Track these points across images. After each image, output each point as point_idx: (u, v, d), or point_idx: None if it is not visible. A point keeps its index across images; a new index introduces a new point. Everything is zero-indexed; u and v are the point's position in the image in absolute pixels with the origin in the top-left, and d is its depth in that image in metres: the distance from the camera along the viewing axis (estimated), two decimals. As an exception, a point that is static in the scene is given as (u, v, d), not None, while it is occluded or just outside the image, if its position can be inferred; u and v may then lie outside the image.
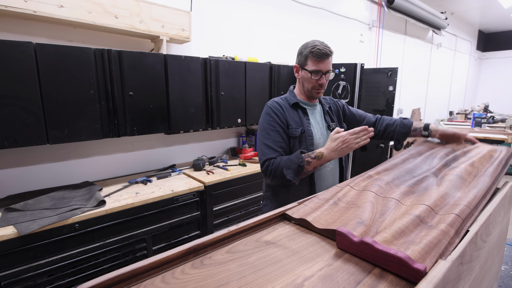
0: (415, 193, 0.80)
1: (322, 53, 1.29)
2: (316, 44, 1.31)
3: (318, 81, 1.34)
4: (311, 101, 1.46)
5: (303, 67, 1.36)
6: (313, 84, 1.35)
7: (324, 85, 1.37)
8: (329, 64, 1.33)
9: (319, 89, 1.37)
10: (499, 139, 4.62)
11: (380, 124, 1.55)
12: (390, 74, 3.21)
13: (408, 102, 6.26)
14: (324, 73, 1.33)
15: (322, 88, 1.38)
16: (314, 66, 1.31)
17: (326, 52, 1.30)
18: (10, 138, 1.56)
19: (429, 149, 1.18)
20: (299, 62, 1.39)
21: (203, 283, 0.52)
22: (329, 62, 1.33)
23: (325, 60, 1.31)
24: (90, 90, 1.79)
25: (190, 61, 2.23)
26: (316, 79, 1.33)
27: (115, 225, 1.77)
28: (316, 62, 1.31)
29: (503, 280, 1.19)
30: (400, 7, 4.90)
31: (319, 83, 1.34)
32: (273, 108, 1.37)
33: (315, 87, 1.36)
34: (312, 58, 1.31)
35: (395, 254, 0.50)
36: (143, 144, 2.49)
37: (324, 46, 1.31)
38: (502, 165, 0.98)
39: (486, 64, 9.65)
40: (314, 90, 1.37)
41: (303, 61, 1.36)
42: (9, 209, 1.60)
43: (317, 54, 1.29)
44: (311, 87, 1.37)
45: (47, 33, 1.94)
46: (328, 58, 1.32)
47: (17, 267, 1.47)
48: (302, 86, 1.41)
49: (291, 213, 0.76)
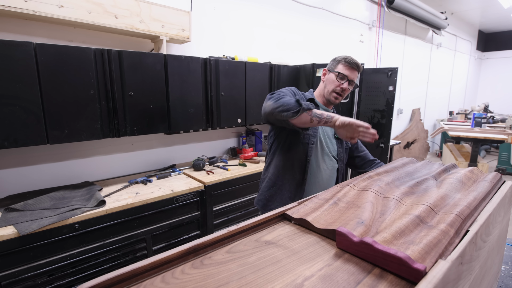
0: (415, 193, 0.80)
1: (354, 63, 1.39)
2: (350, 56, 1.43)
3: (341, 85, 1.39)
4: (327, 106, 1.49)
5: (332, 70, 1.43)
6: (335, 86, 1.41)
7: (345, 93, 1.42)
8: (355, 76, 1.42)
9: (339, 95, 1.42)
10: (499, 139, 4.61)
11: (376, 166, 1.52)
12: (390, 74, 3.20)
13: (408, 102, 6.26)
14: (349, 80, 1.40)
15: (342, 95, 1.42)
16: (343, 70, 1.40)
17: (357, 64, 1.40)
18: (10, 138, 1.56)
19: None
20: (329, 67, 1.46)
21: (203, 283, 0.52)
22: (356, 74, 1.42)
23: (354, 70, 1.40)
24: (90, 90, 1.79)
25: (190, 61, 2.23)
26: (341, 82, 1.39)
27: (115, 225, 1.77)
28: (346, 68, 1.40)
29: (503, 280, 1.19)
30: (400, 7, 4.90)
31: (342, 87, 1.40)
32: (293, 89, 1.43)
33: (336, 91, 1.41)
34: (343, 64, 1.40)
35: (395, 254, 0.50)
36: (143, 144, 2.49)
37: (357, 61, 1.42)
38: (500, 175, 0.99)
39: (486, 64, 9.65)
40: (334, 94, 1.42)
41: (334, 65, 1.44)
42: (9, 209, 1.60)
43: (349, 62, 1.40)
44: (332, 89, 1.42)
45: (47, 33, 1.94)
46: (357, 70, 1.41)
47: (17, 267, 1.47)
48: (324, 89, 1.46)
49: (291, 213, 0.76)
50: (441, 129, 5.58)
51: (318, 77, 2.99)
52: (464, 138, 5.11)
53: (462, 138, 5.07)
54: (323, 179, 1.46)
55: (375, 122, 3.27)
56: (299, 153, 1.41)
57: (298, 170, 1.42)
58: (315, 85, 3.06)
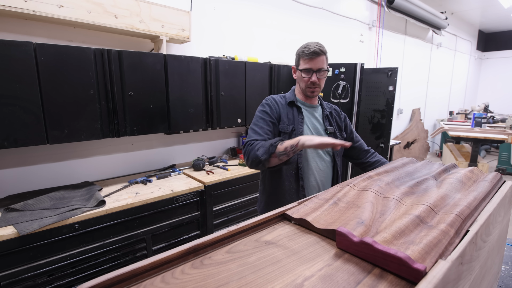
0: (415, 193, 0.80)
1: (312, 52, 1.32)
2: (307, 44, 1.35)
3: (310, 79, 1.36)
4: (309, 101, 1.48)
5: (297, 67, 1.42)
6: (305, 83, 1.39)
7: (318, 83, 1.39)
8: (320, 63, 1.35)
9: (313, 88, 1.39)
10: (499, 139, 4.61)
11: (370, 156, 1.55)
12: (390, 74, 3.21)
13: (408, 102, 6.26)
14: (315, 71, 1.35)
15: (316, 86, 1.39)
16: (304, 64, 1.35)
17: (315, 51, 1.32)
18: (10, 138, 1.56)
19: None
20: (295, 63, 1.45)
21: (203, 283, 0.52)
22: (320, 61, 1.34)
23: (315, 58, 1.33)
24: (90, 90, 1.79)
25: (190, 61, 2.23)
26: (307, 77, 1.36)
27: (115, 225, 1.77)
28: (306, 61, 1.35)
29: (503, 280, 1.19)
30: (400, 7, 4.90)
31: (311, 81, 1.37)
32: (268, 102, 1.43)
33: (308, 86, 1.39)
34: (303, 58, 1.36)
35: (395, 254, 0.50)
36: (143, 144, 2.49)
37: (315, 44, 1.34)
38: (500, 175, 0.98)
39: (486, 64, 9.65)
40: (308, 89, 1.40)
41: (296, 61, 1.42)
42: (9, 209, 1.60)
43: (307, 53, 1.33)
44: (305, 86, 1.40)
45: (47, 33, 1.94)
46: (318, 57, 1.33)
47: (17, 267, 1.47)
48: (299, 86, 1.46)
49: (291, 213, 0.76)
50: (441, 129, 5.58)
51: (318, 77, 2.98)
52: (464, 138, 5.11)
53: (462, 138, 5.08)
54: (319, 181, 1.43)
55: (375, 122, 3.27)
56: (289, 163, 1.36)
57: (292, 180, 1.40)
58: (315, 85, 3.09)
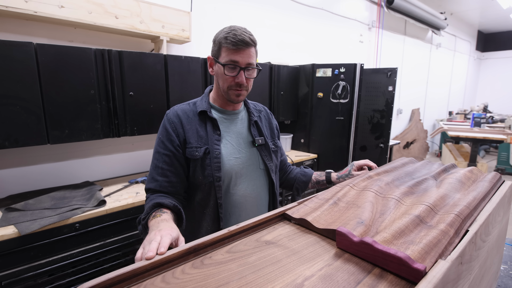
0: (414, 193, 0.81)
1: (239, 40, 0.96)
2: (233, 28, 0.99)
3: (235, 79, 1.00)
4: (232, 107, 1.12)
5: (216, 58, 1.02)
6: (229, 83, 1.02)
7: (245, 85, 1.03)
8: (249, 57, 1.00)
9: (238, 90, 1.03)
10: (498, 139, 4.62)
11: (289, 170, 1.35)
12: (389, 74, 3.21)
13: (408, 102, 6.26)
14: (242, 68, 1.00)
15: (243, 89, 1.04)
16: (228, 56, 0.98)
17: (244, 39, 0.97)
18: (10, 138, 1.56)
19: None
20: (212, 53, 1.05)
21: (203, 283, 0.52)
22: (249, 54, 1.00)
23: (243, 50, 0.98)
24: (91, 90, 1.79)
25: (190, 61, 2.23)
26: (232, 75, 1.00)
27: (115, 225, 1.77)
28: (231, 52, 0.98)
29: (502, 280, 1.19)
30: (400, 7, 4.91)
31: (236, 81, 1.00)
32: (169, 120, 1.05)
33: (231, 87, 1.02)
34: (226, 47, 0.98)
35: (395, 254, 0.51)
36: (144, 144, 2.49)
37: (243, 31, 0.99)
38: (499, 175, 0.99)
39: (486, 64, 9.66)
40: (232, 91, 1.03)
41: (215, 51, 1.02)
42: (9, 208, 1.60)
43: (232, 41, 0.96)
44: (227, 87, 1.03)
45: (48, 34, 1.94)
46: (248, 48, 0.99)
47: (17, 267, 1.47)
48: (218, 87, 1.07)
49: (291, 213, 0.77)
50: (440, 129, 5.59)
51: (318, 77, 2.98)
52: (463, 138, 5.11)
53: (461, 138, 5.08)
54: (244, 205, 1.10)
55: (374, 122, 3.28)
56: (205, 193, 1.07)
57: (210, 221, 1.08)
58: (315, 85, 3.08)
